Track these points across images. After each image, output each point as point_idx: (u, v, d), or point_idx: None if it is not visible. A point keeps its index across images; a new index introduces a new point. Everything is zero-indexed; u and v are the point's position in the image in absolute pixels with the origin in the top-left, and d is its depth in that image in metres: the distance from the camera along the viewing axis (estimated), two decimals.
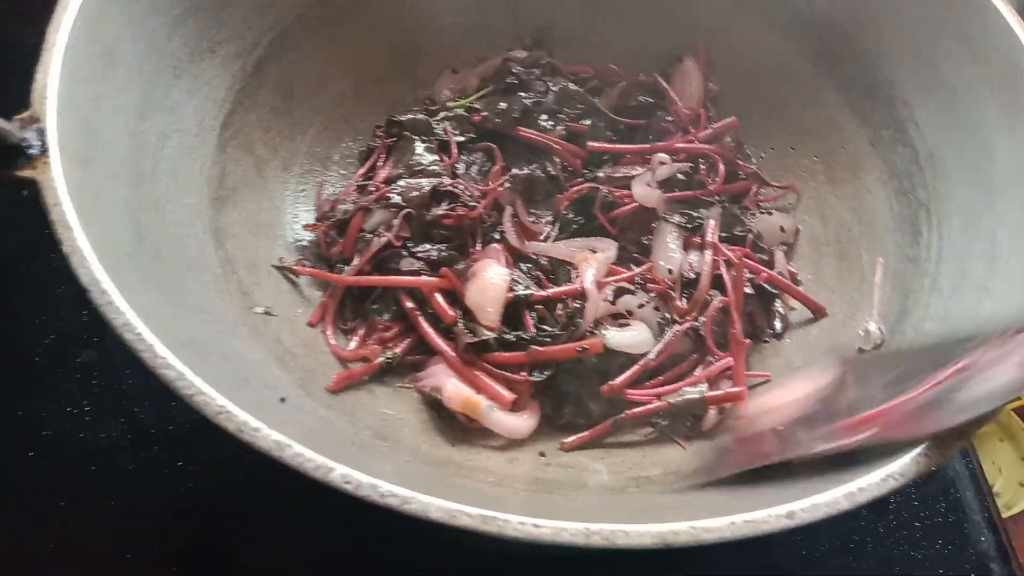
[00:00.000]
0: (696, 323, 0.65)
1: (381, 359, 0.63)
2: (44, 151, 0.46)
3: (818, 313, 0.68)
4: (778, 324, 0.69)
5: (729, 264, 0.67)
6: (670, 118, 0.77)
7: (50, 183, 0.45)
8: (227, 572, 0.68)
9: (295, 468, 0.39)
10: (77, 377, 0.74)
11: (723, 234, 0.70)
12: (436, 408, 0.61)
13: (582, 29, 0.80)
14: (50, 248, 0.77)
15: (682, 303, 0.66)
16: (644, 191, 0.71)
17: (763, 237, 0.72)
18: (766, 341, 0.68)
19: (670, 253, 0.68)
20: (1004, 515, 0.76)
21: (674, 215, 0.70)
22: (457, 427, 0.60)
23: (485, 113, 0.74)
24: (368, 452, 0.51)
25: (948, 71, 0.63)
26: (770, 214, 0.74)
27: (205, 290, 0.56)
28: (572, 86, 0.76)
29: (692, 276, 0.67)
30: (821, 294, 0.69)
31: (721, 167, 0.74)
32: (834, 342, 0.64)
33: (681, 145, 0.74)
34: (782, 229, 0.73)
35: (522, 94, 0.75)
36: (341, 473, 0.39)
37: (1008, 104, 0.58)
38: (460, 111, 0.75)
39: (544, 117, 0.75)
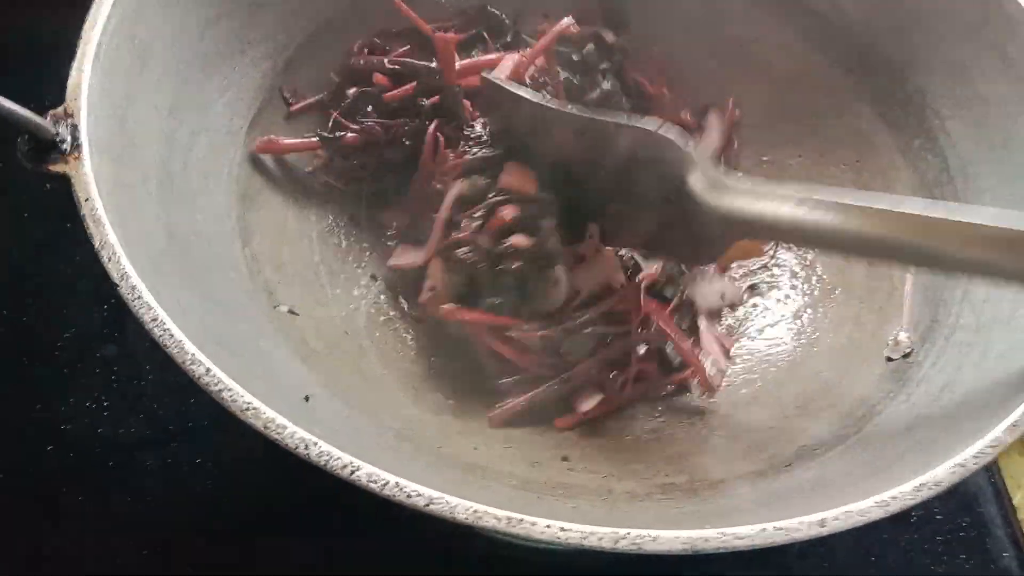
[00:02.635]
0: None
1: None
2: (77, 147, 0.47)
3: (706, 390, 0.66)
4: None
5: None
6: None
7: (82, 178, 0.46)
8: (245, 568, 0.67)
9: (321, 466, 0.39)
10: (97, 372, 0.75)
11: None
12: None
13: None
14: (72, 242, 0.80)
15: None
16: None
17: (694, 304, 0.70)
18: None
19: None
20: None
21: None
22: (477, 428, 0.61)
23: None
24: (392, 453, 0.51)
25: (983, 87, 0.63)
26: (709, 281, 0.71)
27: (232, 288, 0.56)
28: (622, 98, 0.73)
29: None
30: (851, 304, 0.68)
31: None
32: (864, 354, 0.63)
33: None
34: (722, 297, 0.71)
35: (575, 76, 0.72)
36: (367, 472, 0.39)
37: None
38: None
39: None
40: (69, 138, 0.47)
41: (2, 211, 0.83)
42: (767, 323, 0.71)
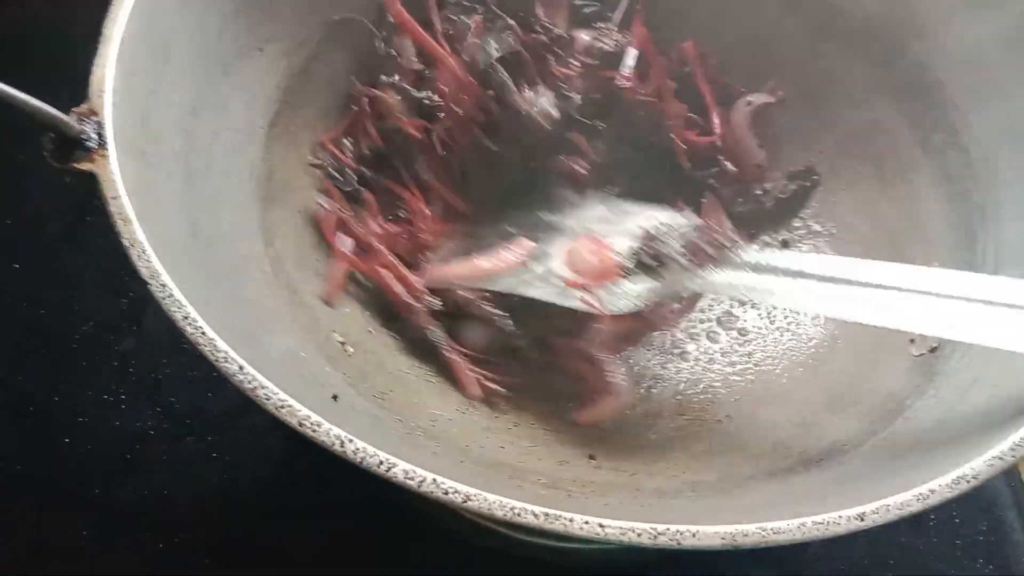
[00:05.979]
0: None
1: None
2: (102, 144, 0.46)
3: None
4: None
5: None
6: None
7: (109, 176, 0.45)
8: (259, 563, 0.68)
9: (356, 463, 0.39)
10: (114, 365, 0.75)
11: None
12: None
13: None
14: (91, 236, 0.80)
15: None
16: None
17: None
18: None
19: None
20: None
21: None
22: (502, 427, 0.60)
23: None
24: (421, 451, 0.50)
25: (1000, 78, 0.62)
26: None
27: (257, 287, 0.55)
28: None
29: None
30: None
31: None
32: (890, 349, 0.62)
33: None
34: (748, 103, 0.75)
35: None
36: (403, 468, 0.39)
37: None
38: None
39: None
40: (95, 136, 0.46)
41: (22, 204, 0.83)
42: (790, 321, 0.70)
